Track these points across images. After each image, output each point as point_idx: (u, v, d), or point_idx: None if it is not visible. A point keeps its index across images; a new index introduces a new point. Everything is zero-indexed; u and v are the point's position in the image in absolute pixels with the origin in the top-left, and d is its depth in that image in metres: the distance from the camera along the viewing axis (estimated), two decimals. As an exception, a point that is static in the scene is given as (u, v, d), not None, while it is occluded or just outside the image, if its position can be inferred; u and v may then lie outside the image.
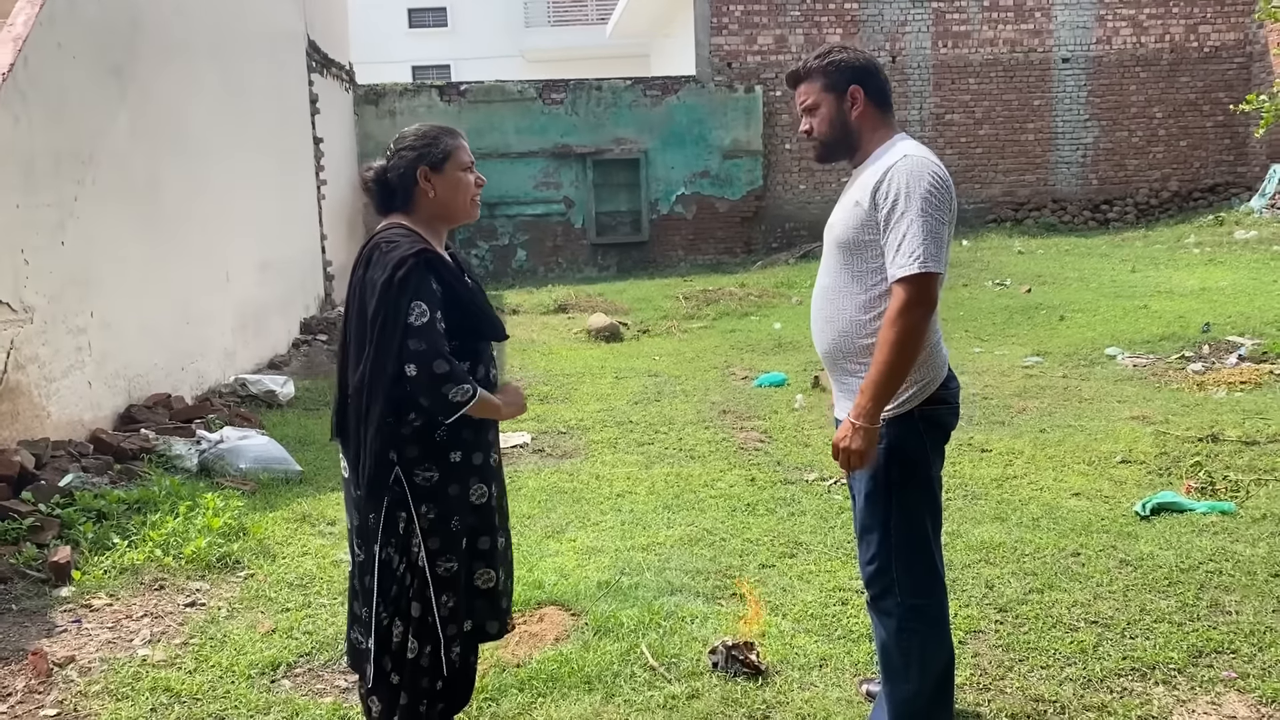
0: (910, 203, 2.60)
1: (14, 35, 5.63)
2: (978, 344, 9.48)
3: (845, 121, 2.81)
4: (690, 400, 7.87)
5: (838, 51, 2.84)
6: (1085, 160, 17.75)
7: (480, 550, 2.81)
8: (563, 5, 35.05)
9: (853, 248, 2.73)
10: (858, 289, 2.74)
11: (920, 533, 2.78)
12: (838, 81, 2.80)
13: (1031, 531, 4.63)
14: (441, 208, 2.76)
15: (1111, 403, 7.06)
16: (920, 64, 17.23)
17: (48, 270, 5.73)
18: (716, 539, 4.74)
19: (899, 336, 2.57)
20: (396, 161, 2.75)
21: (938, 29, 17.20)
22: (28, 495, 4.85)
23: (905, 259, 2.58)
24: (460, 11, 33.36)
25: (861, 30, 17.02)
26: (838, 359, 2.82)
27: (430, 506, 2.68)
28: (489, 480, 2.80)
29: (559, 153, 16.67)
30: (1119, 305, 10.62)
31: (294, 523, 5.09)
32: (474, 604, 2.81)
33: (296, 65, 12.00)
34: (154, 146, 7.33)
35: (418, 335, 2.53)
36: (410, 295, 2.55)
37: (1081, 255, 14.62)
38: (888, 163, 2.69)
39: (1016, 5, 17.29)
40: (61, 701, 3.37)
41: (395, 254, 2.60)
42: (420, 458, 2.66)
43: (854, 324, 2.75)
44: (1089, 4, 17.40)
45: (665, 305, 12.92)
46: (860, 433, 2.62)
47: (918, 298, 2.58)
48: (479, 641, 2.88)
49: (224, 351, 8.51)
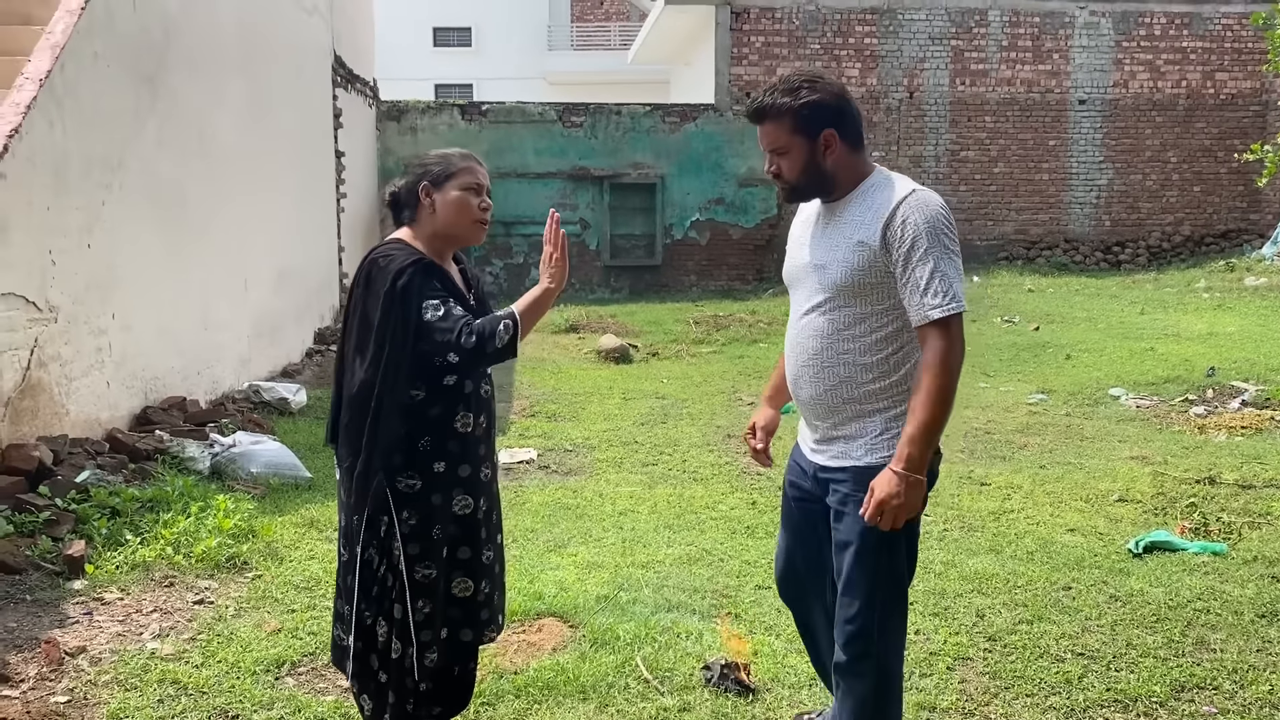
0: (933, 241, 2.51)
1: (52, 43, 5.80)
2: (984, 379, 9.56)
3: (819, 167, 2.62)
4: (696, 423, 7.97)
5: (806, 89, 2.59)
6: (1099, 201, 17.86)
7: (459, 560, 2.87)
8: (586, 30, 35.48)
9: (857, 289, 2.60)
10: (862, 331, 2.62)
11: (903, 590, 2.70)
12: (809, 126, 2.59)
13: (1025, 564, 4.71)
14: (441, 225, 2.81)
15: (1113, 442, 7.13)
16: (938, 100, 17.40)
17: (73, 271, 5.87)
18: (715, 559, 4.83)
19: (946, 381, 2.49)
20: (407, 178, 2.87)
21: (956, 66, 17.38)
22: (45, 490, 4.97)
23: (940, 299, 2.49)
24: (484, 32, 33.78)
25: (880, 65, 17.21)
26: (835, 404, 2.67)
27: (411, 513, 2.75)
28: (476, 493, 2.86)
29: (576, 175, 16.86)
30: (1126, 346, 10.70)
31: (302, 527, 5.19)
32: (448, 611, 2.87)
33: (322, 80, 12.21)
34: (180, 155, 7.49)
35: (436, 330, 2.65)
36: (417, 297, 2.66)
37: (1091, 295, 14.70)
38: (889, 199, 2.57)
39: (1035, 46, 17.47)
40: (72, 689, 3.47)
41: (393, 265, 2.70)
42: (403, 466, 2.74)
43: (858, 368, 2.63)
44: (1107, 48, 17.56)
45: (676, 329, 13.04)
46: (914, 486, 2.48)
47: (958, 338, 2.51)
48: (457, 649, 2.92)
49: (239, 358, 8.65)
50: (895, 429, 2.62)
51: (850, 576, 2.64)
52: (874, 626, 2.63)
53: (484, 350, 2.66)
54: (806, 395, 2.74)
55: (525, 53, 33.00)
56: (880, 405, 2.65)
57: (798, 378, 2.75)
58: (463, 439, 2.80)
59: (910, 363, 2.64)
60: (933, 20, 17.28)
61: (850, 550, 2.64)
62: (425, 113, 16.75)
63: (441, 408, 2.77)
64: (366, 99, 15.28)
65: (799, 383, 2.75)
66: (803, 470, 2.85)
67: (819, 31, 17.13)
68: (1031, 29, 17.45)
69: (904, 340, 2.64)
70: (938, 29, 17.30)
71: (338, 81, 12.88)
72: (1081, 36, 17.52)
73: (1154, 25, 17.61)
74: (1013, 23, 17.42)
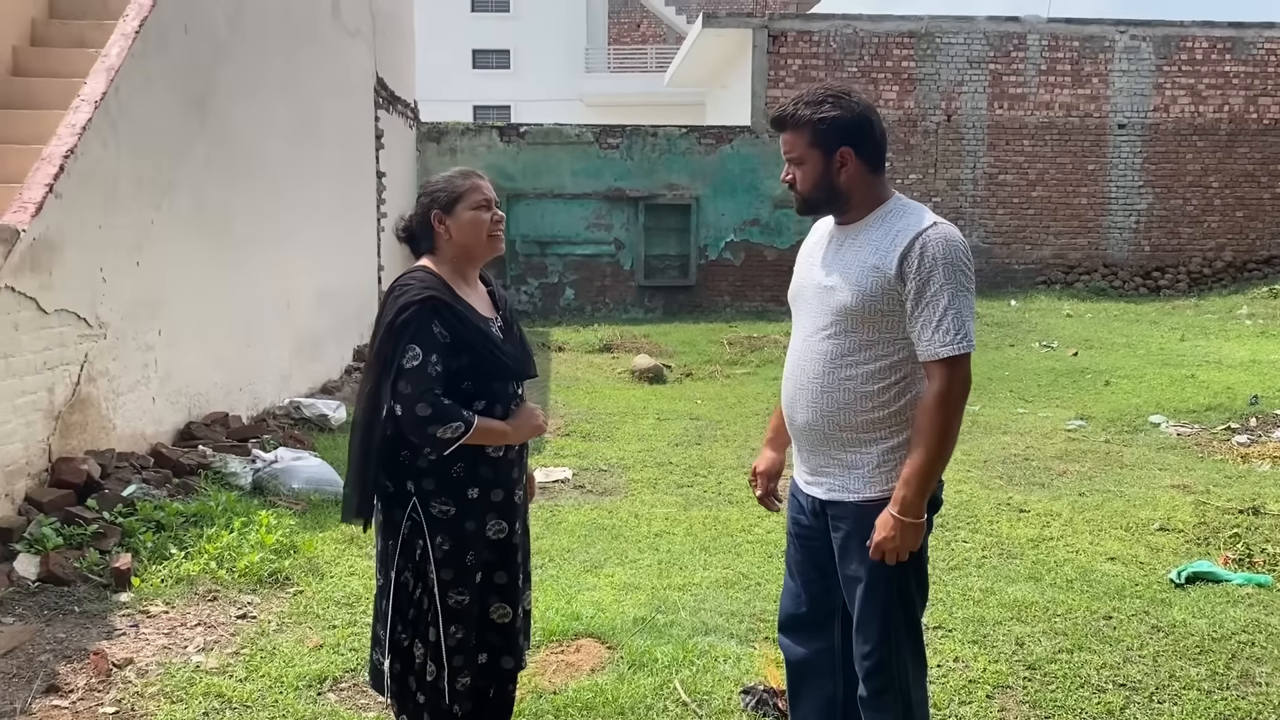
0: (950, 277, 2.48)
1: (108, 65, 5.95)
2: (1021, 405, 9.50)
3: (832, 183, 2.61)
4: (731, 445, 7.98)
5: (830, 104, 2.59)
6: (1138, 226, 17.72)
7: (497, 585, 2.88)
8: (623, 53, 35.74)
9: (866, 315, 2.56)
10: (865, 358, 2.58)
11: (916, 619, 2.68)
12: (827, 140, 2.59)
13: (1065, 592, 4.67)
14: (460, 248, 2.83)
15: (1153, 470, 7.06)
16: (975, 124, 17.35)
17: (123, 289, 5.99)
18: (752, 583, 4.83)
19: (949, 421, 2.47)
20: (416, 209, 2.89)
21: (994, 90, 17.34)
22: (93, 503, 5.06)
23: (950, 337, 2.46)
24: (523, 55, 34.12)
25: (918, 88, 17.20)
26: (831, 432, 2.63)
27: (445, 539, 2.76)
28: (511, 517, 2.87)
29: (612, 196, 16.96)
30: (1166, 373, 10.59)
31: (342, 543, 5.25)
32: (486, 637, 2.88)
33: (364, 101, 12.38)
34: (227, 175, 7.63)
35: (405, 378, 2.63)
36: (407, 339, 2.66)
37: (1131, 321, 14.57)
38: (909, 228, 2.54)
39: (1074, 70, 17.40)
40: (120, 700, 3.54)
41: (403, 299, 2.71)
42: (437, 491, 2.75)
43: (859, 395, 2.59)
44: (1147, 72, 17.46)
45: (709, 350, 13.05)
46: (912, 529, 2.49)
47: (964, 378, 2.48)
48: (496, 676, 2.93)
49: (280, 375, 8.77)
50: (893, 461, 2.59)
51: (863, 612, 2.63)
52: (892, 658, 2.62)
53: (426, 428, 2.63)
54: (803, 420, 2.69)
55: (563, 75, 33.29)
56: (878, 435, 2.61)
57: (794, 401, 2.71)
58: (495, 464, 2.81)
59: (911, 394, 2.59)
60: (971, 44, 17.27)
61: (860, 586, 2.62)
62: (464, 134, 16.93)
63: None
64: (407, 120, 15.47)
65: (795, 406, 2.71)
66: (801, 505, 2.80)
67: (856, 54, 17.16)
68: (1070, 53, 17.39)
69: (907, 370, 2.59)
70: (976, 52, 17.28)
71: (380, 103, 13.06)
72: (1122, 60, 17.43)
73: (1195, 49, 17.49)
74: (1051, 46, 17.37)
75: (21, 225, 4.95)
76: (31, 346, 5.05)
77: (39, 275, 5.11)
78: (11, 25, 6.86)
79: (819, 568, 2.79)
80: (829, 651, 2.83)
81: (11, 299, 4.88)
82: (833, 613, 2.81)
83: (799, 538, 2.83)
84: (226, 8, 7.67)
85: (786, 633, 2.91)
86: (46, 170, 5.27)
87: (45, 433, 5.16)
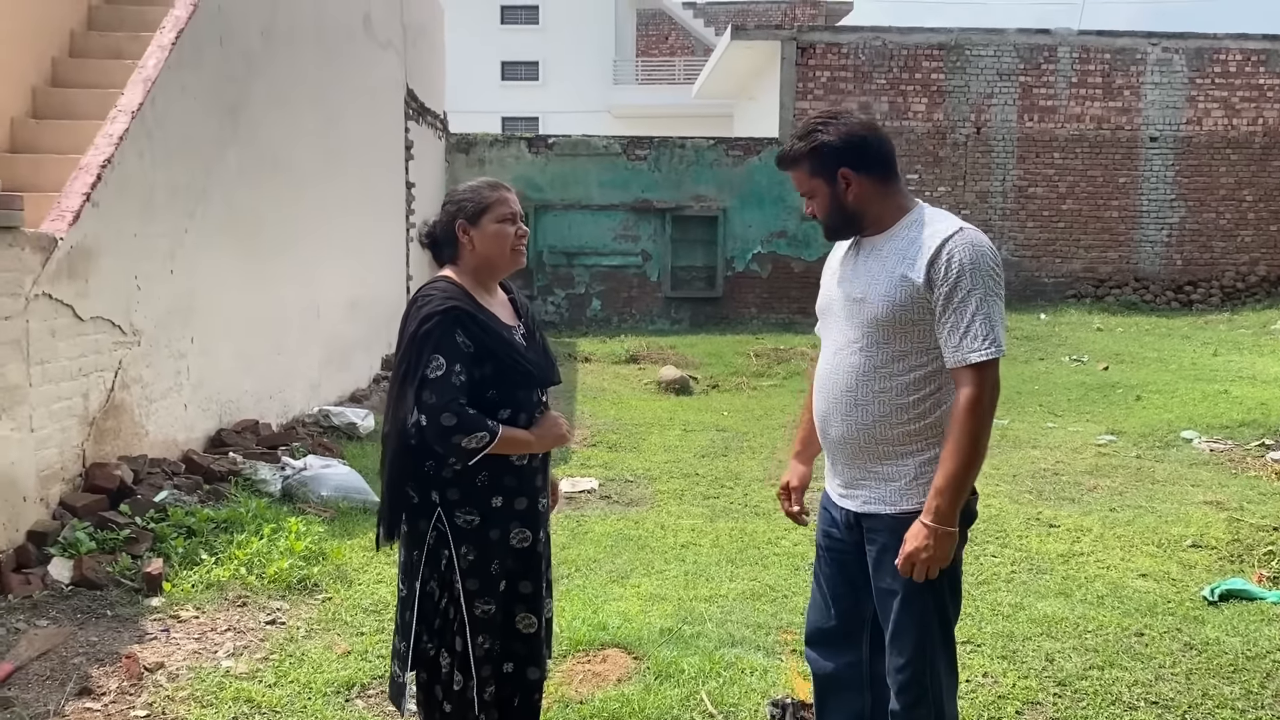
0: (977, 281, 2.46)
1: (144, 77, 6.03)
2: (1051, 419, 9.42)
3: (842, 205, 2.63)
4: (757, 457, 7.96)
5: (818, 131, 2.62)
6: (1170, 240, 17.56)
7: (522, 594, 2.87)
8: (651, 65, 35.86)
9: (897, 325, 2.54)
10: (898, 370, 2.56)
11: (949, 633, 2.66)
12: (825, 167, 2.61)
13: (1095, 609, 4.62)
14: (482, 260, 2.84)
15: (1185, 486, 6.98)
16: (1005, 136, 17.28)
17: (156, 297, 6.06)
18: (779, 595, 4.81)
19: (977, 429, 2.45)
20: (441, 217, 2.89)
21: (1024, 103, 17.26)
22: (125, 508, 5.12)
23: (979, 343, 2.44)
24: (551, 67, 34.31)
25: (947, 101, 17.15)
26: (865, 445, 2.62)
27: (470, 548, 2.76)
28: (535, 526, 2.86)
29: (639, 207, 17.00)
30: (1198, 388, 10.47)
31: (370, 551, 5.27)
32: (512, 646, 2.87)
33: (395, 112, 12.49)
34: (259, 184, 7.72)
35: (429, 387, 2.63)
36: (430, 349, 2.66)
37: (1162, 335, 14.42)
38: (936, 234, 2.53)
39: (1105, 83, 17.29)
40: (151, 704, 3.57)
41: (425, 309, 2.71)
42: (461, 501, 2.75)
43: (893, 408, 2.57)
44: (1180, 84, 17.33)
45: (736, 361, 13.04)
46: (943, 538, 2.46)
47: (993, 384, 2.46)
48: (522, 686, 2.91)
49: (310, 383, 8.84)
50: (929, 472, 2.55)
51: (898, 625, 2.61)
52: (926, 671, 2.59)
53: (450, 437, 2.62)
54: (836, 434, 2.67)
55: (591, 87, 33.43)
56: (914, 448, 2.59)
57: (827, 416, 2.69)
58: (519, 472, 2.81)
59: (947, 404, 2.57)
60: (1001, 56, 17.20)
61: (896, 599, 2.60)
62: (493, 145, 17.03)
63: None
64: (437, 131, 15.59)
65: (828, 421, 2.69)
66: (833, 519, 2.78)
67: (885, 67, 17.14)
68: (1102, 65, 17.29)
69: (942, 381, 2.57)
70: (1006, 65, 17.21)
71: (410, 114, 13.17)
72: (1154, 73, 17.31)
73: (1229, 62, 17.34)
74: (1082, 59, 17.28)
75: (59, 233, 5.03)
76: (67, 353, 5.12)
77: (76, 283, 5.18)
78: (52, 37, 6.98)
79: (849, 581, 2.77)
80: (857, 665, 2.82)
81: (49, 306, 4.95)
82: (861, 626, 2.79)
83: (829, 550, 2.82)
84: (260, 19, 7.76)
85: (814, 646, 2.89)
86: (84, 179, 5.36)
87: (80, 438, 5.23)
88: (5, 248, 4.57)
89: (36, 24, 6.82)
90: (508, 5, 34.58)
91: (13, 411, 4.63)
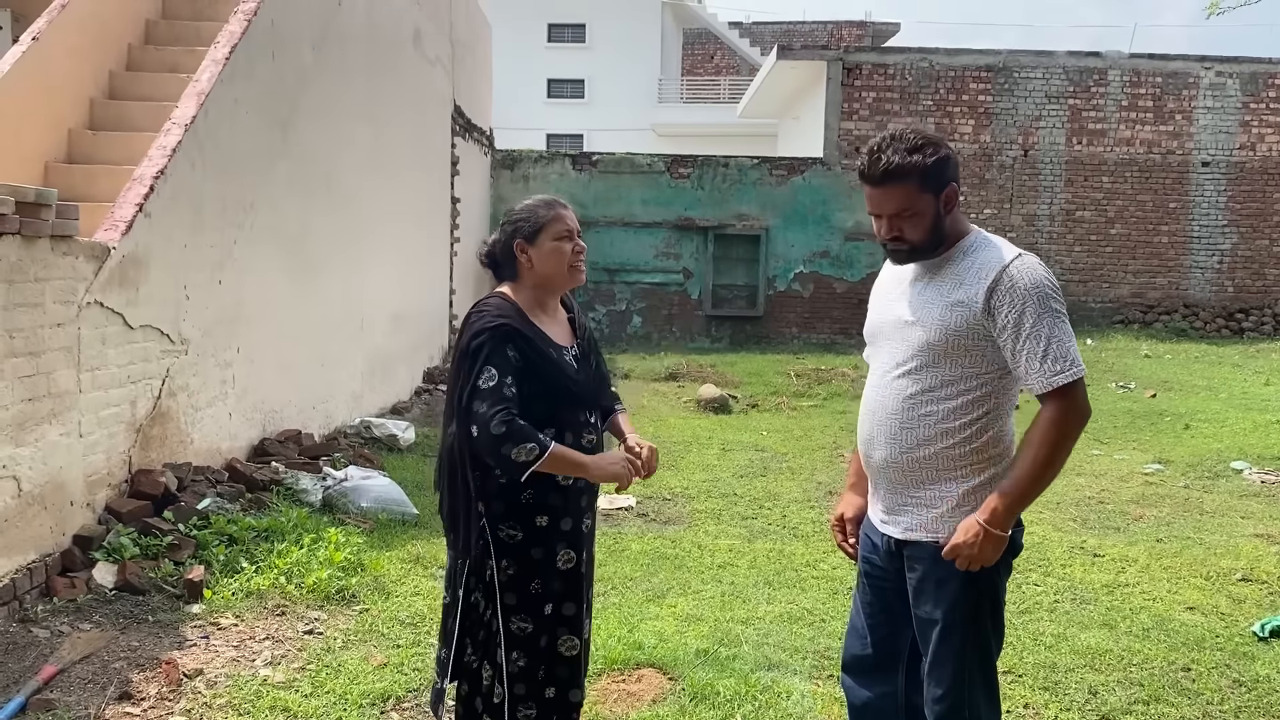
0: (1044, 308, 2.44)
1: (198, 90, 6.14)
2: (1097, 446, 9.27)
3: (940, 224, 2.56)
4: (796, 478, 7.90)
5: (929, 146, 2.53)
6: (1221, 266, 17.26)
7: (565, 616, 2.84)
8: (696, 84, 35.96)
9: (949, 350, 2.52)
10: (948, 394, 2.54)
11: (991, 664, 2.61)
12: (938, 181, 2.53)
13: (1141, 641, 4.53)
14: (540, 277, 2.85)
15: (1235, 518, 6.83)
16: (1053, 159, 17.10)
17: (204, 306, 6.15)
18: (817, 619, 4.76)
19: (1059, 443, 2.43)
20: (499, 235, 2.90)
21: (1073, 125, 17.08)
22: (169, 515, 5.18)
23: (1061, 365, 2.42)
24: (597, 85, 34.52)
25: (994, 123, 17.02)
26: (909, 469, 2.59)
27: (511, 563, 2.76)
28: (580, 546, 2.84)
29: (682, 225, 17.02)
30: (1249, 418, 10.26)
31: (408, 563, 5.30)
32: (556, 671, 2.84)
33: (442, 128, 12.62)
34: (306, 197, 7.82)
35: (480, 397, 2.64)
36: (481, 361, 2.68)
37: (1212, 363, 14.16)
38: (994, 261, 2.51)
39: (1156, 106, 17.07)
40: (189, 710, 3.60)
41: (478, 324, 2.74)
42: (505, 515, 2.76)
43: (939, 432, 2.54)
44: (1233, 109, 17.06)
45: (776, 381, 12.97)
46: (991, 540, 2.44)
47: (1082, 402, 2.44)
48: (563, 710, 2.88)
49: (352, 394, 8.91)
50: (973, 501, 2.52)
51: (937, 655, 2.57)
52: (964, 704, 2.55)
53: (499, 447, 2.61)
54: (880, 458, 2.64)
55: (636, 105, 33.59)
56: (958, 474, 2.55)
57: (872, 438, 2.66)
58: (565, 491, 2.80)
59: (993, 431, 2.54)
60: (1050, 79, 17.05)
61: (936, 629, 2.56)
62: (538, 162, 17.15)
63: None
64: (482, 147, 15.72)
65: (873, 443, 2.66)
66: (874, 545, 2.74)
67: (932, 88, 17.05)
68: (1153, 89, 17.07)
69: (990, 406, 2.54)
70: (1055, 87, 17.06)
71: (456, 130, 13.30)
72: (1206, 97, 17.06)
73: (1284, 87, 17.07)
74: (1133, 82, 17.08)
75: (112, 243, 5.12)
76: (117, 360, 5.20)
77: (126, 291, 5.27)
78: (110, 51, 7.13)
79: (887, 609, 2.74)
80: (892, 696, 2.77)
81: (100, 314, 5.04)
82: (898, 656, 2.75)
83: (869, 577, 2.78)
84: (312, 35, 7.88)
85: (850, 673, 2.85)
86: (137, 190, 5.45)
87: (126, 445, 5.30)
88: (60, 256, 4.66)
89: (96, 38, 6.97)
90: (555, 24, 34.87)
91: (63, 417, 4.71)
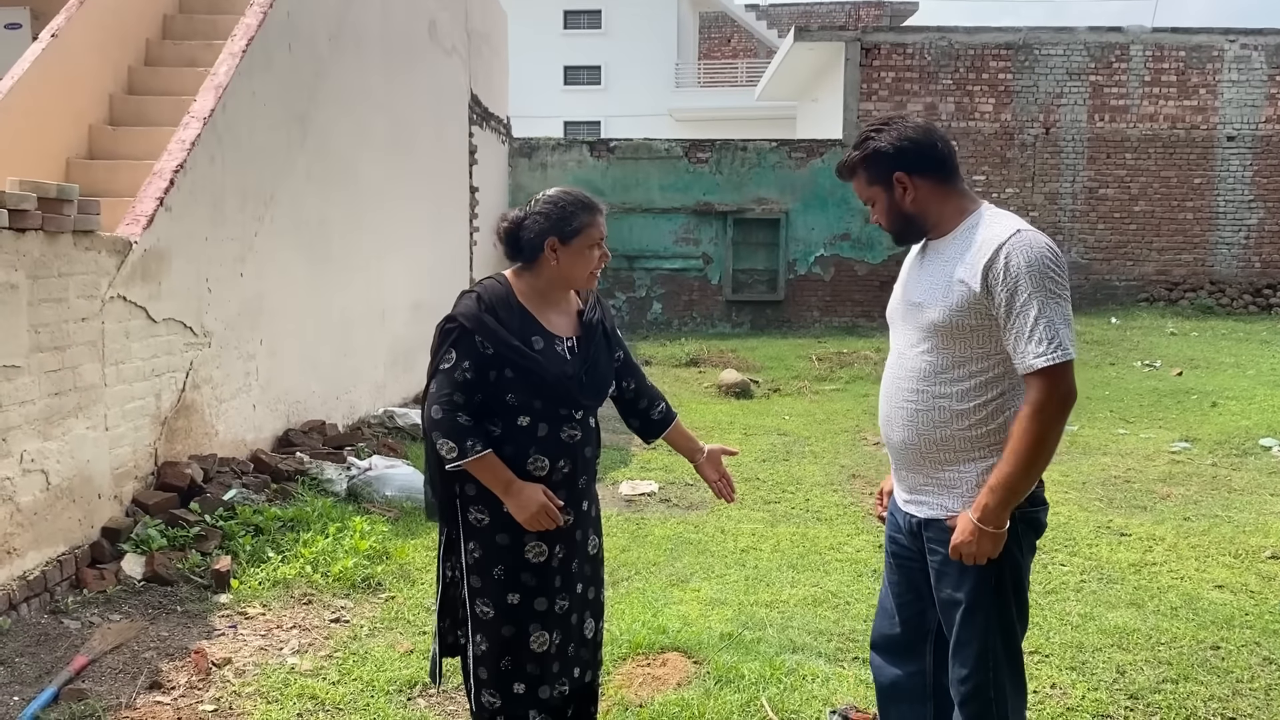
0: (1037, 285, 2.39)
1: (216, 84, 6.17)
2: (1123, 425, 9.20)
3: (901, 210, 2.61)
4: (819, 462, 7.89)
5: (873, 136, 2.62)
6: (1248, 242, 17.05)
7: (536, 611, 2.77)
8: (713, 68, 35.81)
9: (954, 331, 2.51)
10: (960, 375, 2.52)
11: (1015, 645, 2.59)
12: (880, 173, 2.61)
13: (1169, 620, 4.49)
14: (561, 276, 2.81)
15: (1264, 495, 6.76)
16: (1075, 137, 16.92)
17: (226, 299, 6.19)
18: (840, 602, 4.76)
19: (1040, 434, 2.38)
20: (531, 222, 2.79)
21: (1095, 102, 16.89)
22: (195, 506, 5.23)
23: (1045, 347, 2.37)
24: (613, 71, 34.45)
25: (1015, 101, 16.85)
26: (928, 450, 2.59)
27: (476, 546, 2.76)
28: (552, 540, 2.76)
29: (700, 210, 16.96)
30: (1278, 395, 10.15)
31: (432, 551, 5.29)
32: (524, 664, 2.77)
33: (459, 117, 12.62)
34: (326, 188, 7.84)
35: (436, 379, 2.72)
36: (449, 343, 2.72)
37: (1239, 340, 14.01)
38: (993, 238, 2.46)
39: (1180, 81, 16.85)
40: (219, 699, 3.64)
41: (456, 307, 2.77)
42: (475, 498, 2.75)
43: (954, 414, 2.53)
44: (1259, 82, 16.82)
45: (798, 365, 12.94)
46: (990, 538, 2.44)
47: (1064, 388, 2.38)
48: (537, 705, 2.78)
49: (375, 384, 8.96)
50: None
51: (961, 636, 2.57)
52: (989, 684, 2.54)
53: (431, 432, 2.68)
54: (898, 439, 2.65)
55: (653, 90, 33.50)
56: (976, 454, 2.53)
57: (890, 419, 2.67)
58: (536, 482, 2.74)
59: (1010, 411, 2.52)
60: (1071, 55, 16.86)
61: (958, 610, 2.56)
62: (555, 149, 17.12)
63: (514, 448, 2.72)
64: (500, 136, 15.71)
65: (891, 425, 2.67)
66: (899, 524, 2.74)
67: (951, 67, 16.89)
68: (1176, 63, 16.85)
69: (1005, 386, 2.52)
70: (1076, 64, 16.86)
71: (474, 119, 13.29)
72: (1231, 70, 16.82)
73: (1311, 58, 16.81)
74: (1156, 57, 16.86)
75: (134, 237, 5.15)
76: (141, 354, 5.24)
77: (149, 285, 5.31)
78: (129, 47, 7.17)
79: (914, 589, 2.74)
80: (920, 675, 2.78)
81: (123, 308, 5.08)
82: (926, 635, 2.75)
83: (896, 557, 2.78)
84: (329, 27, 7.89)
85: (878, 652, 2.86)
86: (158, 184, 5.49)
87: (152, 437, 5.35)
88: (83, 251, 4.69)
89: (115, 34, 7.00)
90: (570, 10, 34.81)
91: (89, 410, 4.75)
